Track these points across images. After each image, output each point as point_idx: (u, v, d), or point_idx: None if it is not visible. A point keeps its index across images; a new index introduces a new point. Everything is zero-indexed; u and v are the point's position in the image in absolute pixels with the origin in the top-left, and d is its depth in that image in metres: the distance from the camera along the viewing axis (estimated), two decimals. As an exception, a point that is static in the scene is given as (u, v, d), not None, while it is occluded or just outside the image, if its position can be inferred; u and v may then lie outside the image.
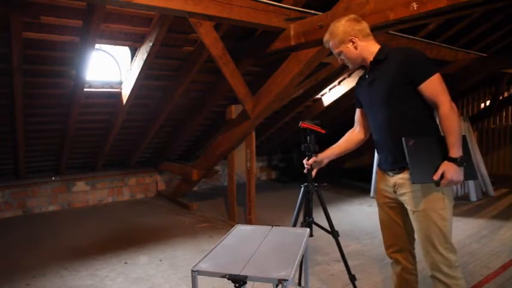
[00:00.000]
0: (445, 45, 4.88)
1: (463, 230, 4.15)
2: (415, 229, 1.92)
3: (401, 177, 1.89)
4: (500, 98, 7.60)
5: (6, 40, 3.23)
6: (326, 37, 2.00)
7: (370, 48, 1.94)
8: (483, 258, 3.35)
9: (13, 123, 4.20)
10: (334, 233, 2.67)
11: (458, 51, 5.09)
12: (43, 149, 4.99)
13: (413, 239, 2.02)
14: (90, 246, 3.89)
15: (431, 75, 1.76)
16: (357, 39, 1.92)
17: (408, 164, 1.78)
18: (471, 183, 5.39)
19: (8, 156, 4.82)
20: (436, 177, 1.74)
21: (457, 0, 2.37)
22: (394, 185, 1.94)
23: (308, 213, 2.71)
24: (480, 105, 8.08)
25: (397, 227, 2.03)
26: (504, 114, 7.74)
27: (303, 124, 2.63)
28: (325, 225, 2.73)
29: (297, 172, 7.32)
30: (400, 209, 1.98)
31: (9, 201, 5.03)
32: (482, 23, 4.85)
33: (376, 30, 2.66)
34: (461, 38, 5.22)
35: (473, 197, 5.45)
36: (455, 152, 1.72)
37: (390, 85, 1.84)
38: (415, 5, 2.52)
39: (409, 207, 1.89)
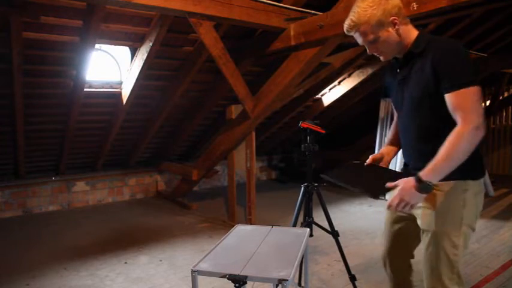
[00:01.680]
0: (445, 45, 4.87)
1: (463, 230, 4.15)
2: (422, 247, 1.69)
3: None
4: (500, 98, 7.61)
5: (6, 40, 3.23)
6: (353, 19, 1.55)
7: (410, 33, 1.56)
8: (483, 258, 3.35)
9: (13, 123, 4.19)
10: (334, 233, 2.68)
11: (458, 51, 5.07)
12: (43, 149, 4.99)
13: (415, 245, 1.86)
14: (90, 246, 3.89)
15: (463, 87, 1.40)
16: (398, 20, 1.52)
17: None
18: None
19: (8, 156, 4.81)
20: (390, 185, 1.53)
21: (457, 0, 2.38)
22: None
23: (308, 213, 2.72)
24: (480, 105, 8.08)
25: (400, 229, 1.86)
26: (504, 114, 7.74)
27: (303, 124, 2.64)
28: (325, 225, 2.73)
29: (297, 172, 7.33)
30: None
31: (9, 201, 5.03)
32: (482, 23, 4.85)
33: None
34: (461, 38, 5.21)
35: (473, 197, 5.44)
36: (428, 175, 1.43)
37: (423, 89, 1.52)
38: (415, 5, 2.52)
39: (419, 222, 1.65)
